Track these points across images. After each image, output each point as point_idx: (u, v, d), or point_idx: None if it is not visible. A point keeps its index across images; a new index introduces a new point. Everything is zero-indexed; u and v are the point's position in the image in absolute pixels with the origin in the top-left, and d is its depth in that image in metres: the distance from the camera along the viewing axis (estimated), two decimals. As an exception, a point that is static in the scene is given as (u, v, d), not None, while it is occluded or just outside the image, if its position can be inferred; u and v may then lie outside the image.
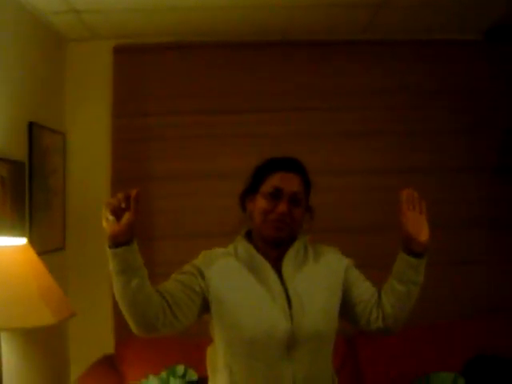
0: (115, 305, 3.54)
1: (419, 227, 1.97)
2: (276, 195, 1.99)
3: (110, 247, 1.78)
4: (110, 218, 1.74)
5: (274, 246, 2.04)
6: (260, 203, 2.02)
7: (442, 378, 3.13)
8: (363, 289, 2.09)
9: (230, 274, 2.00)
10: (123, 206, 1.74)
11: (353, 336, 3.37)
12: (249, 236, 2.10)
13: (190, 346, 3.06)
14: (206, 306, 1.98)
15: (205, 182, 3.61)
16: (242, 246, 2.06)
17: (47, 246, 3.18)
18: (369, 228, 3.65)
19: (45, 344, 3.18)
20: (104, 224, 1.76)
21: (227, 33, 3.61)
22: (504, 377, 3.11)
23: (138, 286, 1.79)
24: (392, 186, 3.51)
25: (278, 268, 2.02)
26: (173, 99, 3.67)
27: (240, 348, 1.95)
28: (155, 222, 3.63)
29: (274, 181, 2.02)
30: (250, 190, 2.08)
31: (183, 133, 3.65)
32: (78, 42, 3.64)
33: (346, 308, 2.08)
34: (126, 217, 1.73)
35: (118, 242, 1.76)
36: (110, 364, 3.32)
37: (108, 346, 3.48)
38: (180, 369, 3.10)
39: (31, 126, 3.05)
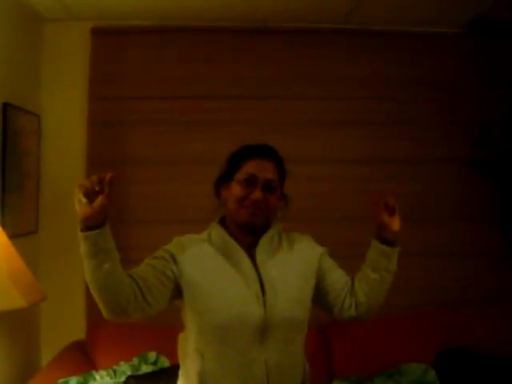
0: (87, 290, 3.51)
1: (392, 217, 2.02)
2: (250, 182, 1.99)
3: (81, 230, 1.75)
4: (83, 200, 1.71)
5: (248, 233, 2.04)
6: (235, 190, 2.02)
7: (412, 369, 3.16)
8: (337, 277, 2.11)
9: (203, 260, 1.99)
10: (97, 188, 1.72)
11: (325, 326, 3.39)
12: (223, 223, 2.09)
13: (163, 333, 3.03)
14: (178, 292, 1.97)
15: (181, 167, 3.58)
16: (216, 232, 2.06)
17: (19, 229, 3.14)
18: (345, 218, 3.65)
19: (15, 328, 3.14)
20: (76, 206, 1.73)
21: (208, 18, 3.57)
22: (474, 371, 3.14)
23: (110, 270, 1.78)
24: (368, 176, 3.63)
25: (251, 254, 2.03)
26: (151, 83, 3.62)
27: (212, 334, 1.94)
28: (130, 207, 3.59)
29: (249, 168, 2.02)
30: (225, 177, 2.08)
31: (160, 117, 3.61)
32: (56, 22, 3.57)
33: (320, 296, 2.10)
34: (99, 200, 1.71)
35: (90, 225, 1.74)
36: (80, 350, 3.29)
37: (79, 332, 3.45)
38: (152, 355, 3.10)
39: (5, 107, 3.00)
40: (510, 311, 3.51)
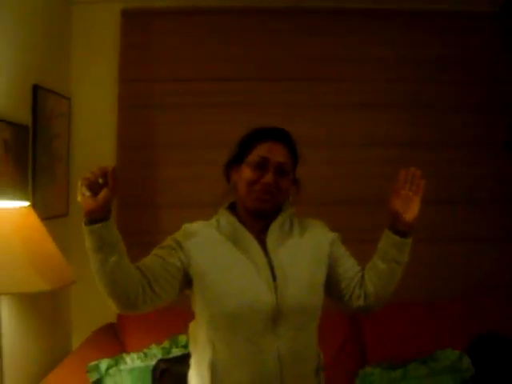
0: None
1: (408, 206, 1.93)
2: (262, 165, 1.94)
3: (85, 224, 1.74)
4: (87, 193, 1.69)
5: (258, 218, 1.99)
6: (245, 173, 1.96)
7: (446, 355, 3.10)
8: (348, 265, 2.06)
9: (211, 247, 1.95)
10: (100, 181, 1.69)
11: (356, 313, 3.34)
12: (232, 208, 2.04)
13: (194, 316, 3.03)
14: (187, 281, 1.94)
15: (211, 150, 3.50)
16: (225, 219, 2.01)
17: (50, 212, 3.14)
18: (366, 201, 3.58)
19: (46, 311, 3.15)
20: (79, 199, 1.71)
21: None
22: (509, 357, 3.07)
23: (116, 264, 1.76)
24: (393, 160, 3.56)
25: (262, 240, 1.98)
26: (181, 65, 3.58)
27: (223, 322, 1.89)
28: (160, 191, 3.58)
29: (261, 150, 1.96)
30: (236, 160, 2.03)
31: (191, 100, 3.56)
32: (85, 4, 3.55)
33: (330, 283, 2.04)
34: (103, 192, 1.68)
35: (95, 218, 1.72)
36: (111, 333, 3.30)
37: (110, 315, 3.43)
38: (183, 338, 3.07)
39: (36, 89, 2.99)
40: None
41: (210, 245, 1.96)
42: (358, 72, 3.63)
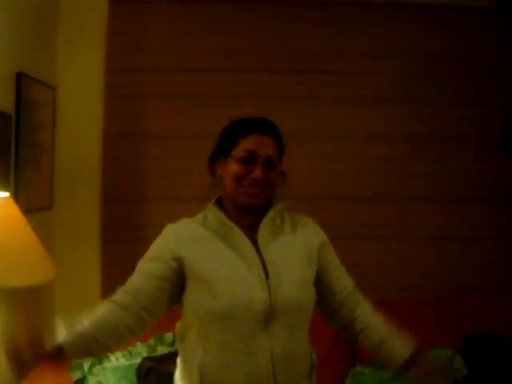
0: (103, 267, 3.48)
1: None
2: (250, 159, 1.86)
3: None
4: (14, 369, 1.61)
5: (246, 213, 1.91)
6: (232, 168, 1.88)
7: (438, 355, 3.06)
8: (336, 274, 2.03)
9: (200, 246, 1.87)
10: (28, 356, 1.61)
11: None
12: (219, 203, 1.96)
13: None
14: (182, 285, 1.87)
15: (200, 143, 3.41)
16: (213, 215, 1.92)
17: (34, 205, 3.04)
18: (361, 197, 3.55)
19: (28, 307, 3.06)
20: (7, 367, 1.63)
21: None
22: (501, 357, 3.04)
23: (103, 348, 1.82)
24: (391, 156, 3.51)
25: (252, 236, 1.90)
26: (170, 55, 3.51)
27: (214, 322, 1.82)
28: (146, 184, 3.51)
29: (248, 144, 1.88)
30: (220, 153, 1.94)
31: (179, 91, 3.49)
32: (73, -10, 3.46)
33: (317, 287, 1.98)
34: (30, 366, 1.62)
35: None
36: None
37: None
38: (169, 336, 3.02)
39: (20, 77, 2.88)
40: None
41: (198, 243, 1.88)
42: (355, 65, 3.59)
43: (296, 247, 1.95)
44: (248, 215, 1.92)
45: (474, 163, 3.62)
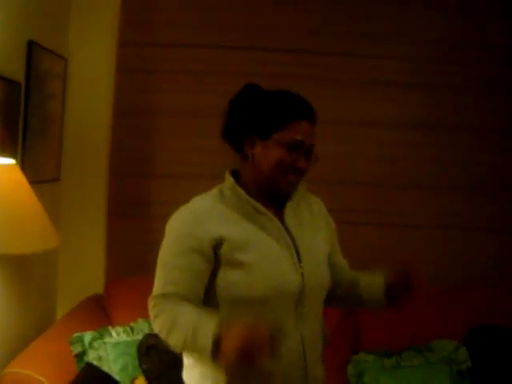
0: (109, 243, 3.45)
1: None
2: (296, 147, 1.75)
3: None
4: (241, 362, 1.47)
5: (274, 197, 1.84)
6: (276, 153, 1.75)
7: (443, 346, 3.03)
8: (340, 258, 2.04)
9: (228, 226, 1.75)
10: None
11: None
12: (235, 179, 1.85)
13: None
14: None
15: (211, 120, 3.39)
16: (233, 192, 1.80)
17: (41, 176, 3.02)
18: (365, 182, 3.52)
19: (31, 277, 3.04)
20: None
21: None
22: (506, 349, 3.00)
23: None
24: (398, 142, 3.46)
25: (277, 217, 1.83)
26: (184, 30, 3.44)
27: (247, 308, 1.72)
28: (156, 160, 3.47)
29: (298, 132, 1.75)
30: (254, 130, 1.80)
31: (192, 67, 3.43)
32: (87, -39, 3.40)
33: None
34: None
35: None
36: (98, 304, 3.20)
37: (98, 286, 3.35)
38: (171, 314, 2.98)
39: (31, 45, 2.84)
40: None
41: (225, 224, 1.76)
42: (364, 48, 3.51)
43: (319, 228, 1.92)
44: (273, 198, 1.85)
45: (485, 153, 3.55)
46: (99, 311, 3.14)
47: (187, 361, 1.87)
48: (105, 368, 2.70)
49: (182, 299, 1.69)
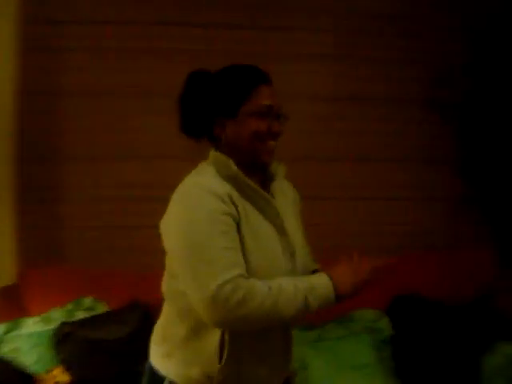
0: (19, 230, 3.31)
1: None
2: (266, 114, 1.71)
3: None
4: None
5: (256, 173, 1.77)
6: (250, 125, 1.70)
7: (364, 316, 3.09)
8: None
9: (238, 206, 1.67)
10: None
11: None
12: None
13: (102, 277, 2.87)
14: None
15: (121, 99, 3.31)
16: (228, 172, 1.70)
17: None
18: (303, 156, 3.49)
19: None
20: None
21: None
22: (428, 318, 3.07)
23: None
24: (311, 114, 3.45)
25: None
26: (93, 6, 3.29)
27: None
28: (64, 142, 3.32)
29: (263, 97, 1.71)
30: (223, 112, 1.74)
31: (102, 44, 3.31)
32: None
33: None
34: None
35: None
36: (11, 296, 3.05)
37: (9, 276, 3.18)
38: (87, 301, 2.94)
39: None
40: (464, 256, 3.43)
41: (237, 203, 1.67)
42: (297, 21, 3.51)
43: (295, 212, 1.89)
44: (256, 175, 1.77)
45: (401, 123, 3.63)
46: (11, 303, 3.01)
47: (161, 349, 1.78)
48: (21, 360, 2.62)
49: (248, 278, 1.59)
